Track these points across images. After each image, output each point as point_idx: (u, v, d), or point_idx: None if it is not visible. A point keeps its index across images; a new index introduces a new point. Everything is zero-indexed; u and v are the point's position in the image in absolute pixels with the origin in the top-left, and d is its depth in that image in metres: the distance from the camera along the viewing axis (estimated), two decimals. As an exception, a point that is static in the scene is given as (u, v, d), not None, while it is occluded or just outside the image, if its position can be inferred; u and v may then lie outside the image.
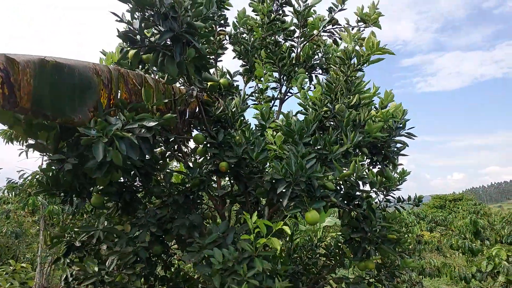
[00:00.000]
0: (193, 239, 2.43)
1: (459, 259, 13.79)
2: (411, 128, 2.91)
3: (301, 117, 2.78)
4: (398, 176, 3.20)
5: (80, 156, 2.14)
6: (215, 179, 3.21)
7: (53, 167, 2.27)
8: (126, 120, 1.99)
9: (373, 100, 2.83)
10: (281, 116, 3.11)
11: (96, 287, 2.61)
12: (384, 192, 3.23)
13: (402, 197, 3.37)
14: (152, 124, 1.99)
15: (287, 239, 3.81)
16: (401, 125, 2.88)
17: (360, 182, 2.64)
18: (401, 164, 3.02)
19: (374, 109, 3.01)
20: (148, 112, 2.25)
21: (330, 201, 2.32)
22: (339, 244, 3.50)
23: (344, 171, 2.36)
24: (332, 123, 2.79)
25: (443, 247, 12.93)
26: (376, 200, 3.18)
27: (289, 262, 3.46)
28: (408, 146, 2.97)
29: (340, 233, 3.32)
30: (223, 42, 3.37)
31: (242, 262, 2.03)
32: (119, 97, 2.17)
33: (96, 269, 2.35)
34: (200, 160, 2.81)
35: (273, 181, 2.29)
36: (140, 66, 2.75)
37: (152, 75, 2.79)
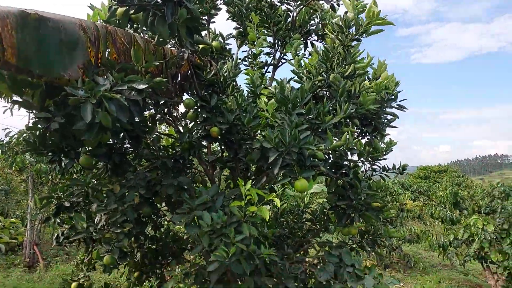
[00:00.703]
0: (183, 200, 2.47)
1: (438, 227, 14.43)
2: (403, 100, 2.93)
3: (294, 85, 2.75)
4: (385, 146, 3.25)
5: (67, 116, 2.10)
6: (206, 144, 3.21)
7: (40, 126, 2.23)
8: (115, 81, 1.94)
9: (368, 71, 2.80)
10: (274, 83, 3.07)
11: (87, 244, 2.68)
12: (371, 162, 3.29)
13: (387, 166, 3.43)
14: (142, 86, 1.95)
15: (275, 204, 3.90)
16: (392, 97, 2.88)
17: (349, 152, 2.68)
18: (388, 134, 3.06)
19: (367, 79, 2.99)
20: (137, 73, 2.19)
21: (319, 170, 2.35)
22: (325, 210, 3.61)
23: (335, 142, 2.38)
24: (326, 92, 2.77)
25: (424, 216, 13.46)
26: (362, 169, 3.25)
27: (276, 225, 3.57)
28: (398, 118, 2.99)
29: (326, 200, 3.41)
30: (217, 2, 3.24)
31: (230, 226, 2.08)
32: (107, 57, 2.10)
33: (85, 225, 2.39)
34: (190, 125, 2.79)
35: (263, 149, 2.30)
36: (129, 25, 2.64)
37: (142, 34, 2.69)
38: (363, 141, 3.10)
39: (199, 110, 2.62)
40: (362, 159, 3.13)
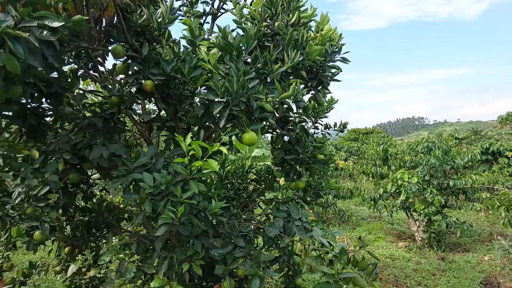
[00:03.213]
0: (117, 165, 2.19)
1: (367, 184, 15.67)
2: (346, 52, 2.89)
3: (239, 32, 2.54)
4: (327, 104, 3.24)
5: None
6: (140, 102, 2.89)
7: None
8: (21, 17, 1.56)
9: (312, 20, 2.69)
10: (214, 33, 2.82)
11: (2, 221, 2.31)
12: (313, 119, 3.27)
13: (329, 124, 3.45)
14: (57, 24, 1.59)
15: (218, 167, 3.76)
16: (337, 49, 2.83)
17: (295, 106, 2.60)
18: (330, 92, 3.05)
19: (311, 32, 2.89)
20: (50, 10, 1.81)
21: (268, 123, 2.24)
22: (269, 169, 3.57)
23: (284, 93, 2.27)
24: (270, 42, 2.61)
25: (354, 174, 14.46)
26: (306, 126, 3.22)
27: (221, 187, 3.45)
28: (342, 71, 2.96)
29: (272, 159, 3.36)
30: None
31: (176, 185, 1.89)
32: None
33: (-1, 202, 2.02)
34: (121, 79, 2.45)
35: (207, 102, 2.11)
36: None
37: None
38: (307, 97, 3.04)
39: (129, 61, 2.29)
40: (306, 114, 3.09)
